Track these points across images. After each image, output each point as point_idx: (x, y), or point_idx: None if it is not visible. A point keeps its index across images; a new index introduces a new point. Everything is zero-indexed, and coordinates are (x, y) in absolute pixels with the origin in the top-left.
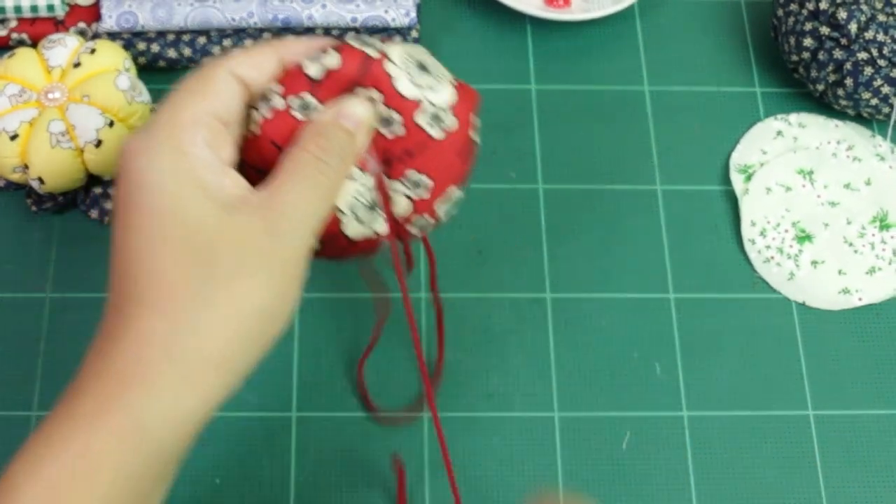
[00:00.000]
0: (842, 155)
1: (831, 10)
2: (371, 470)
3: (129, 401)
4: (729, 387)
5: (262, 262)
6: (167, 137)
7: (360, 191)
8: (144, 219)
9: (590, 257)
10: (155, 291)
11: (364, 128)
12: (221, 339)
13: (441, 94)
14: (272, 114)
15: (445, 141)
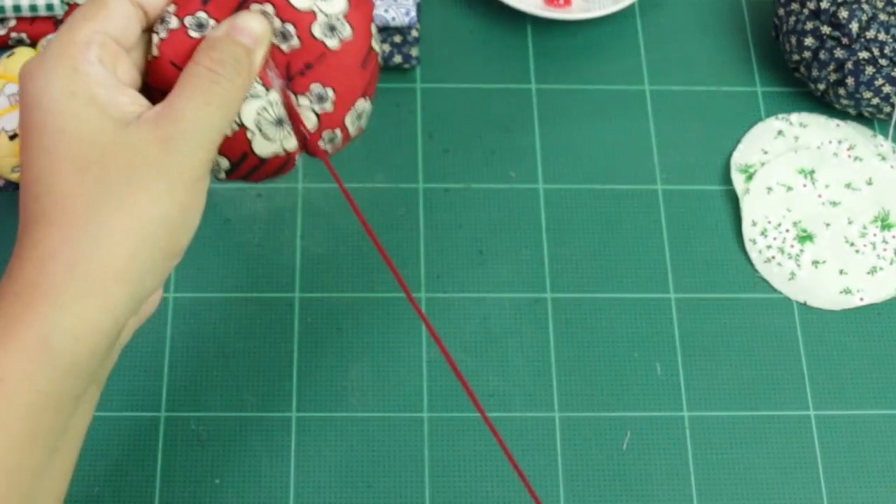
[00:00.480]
0: (843, 154)
1: (832, 9)
2: (371, 470)
3: (35, 317)
4: (730, 387)
5: (158, 173)
6: (60, 57)
7: (264, 107)
8: (43, 139)
9: (590, 257)
10: (55, 208)
11: (260, 42)
12: (122, 249)
13: (334, 4)
14: (168, 34)
15: (342, 50)
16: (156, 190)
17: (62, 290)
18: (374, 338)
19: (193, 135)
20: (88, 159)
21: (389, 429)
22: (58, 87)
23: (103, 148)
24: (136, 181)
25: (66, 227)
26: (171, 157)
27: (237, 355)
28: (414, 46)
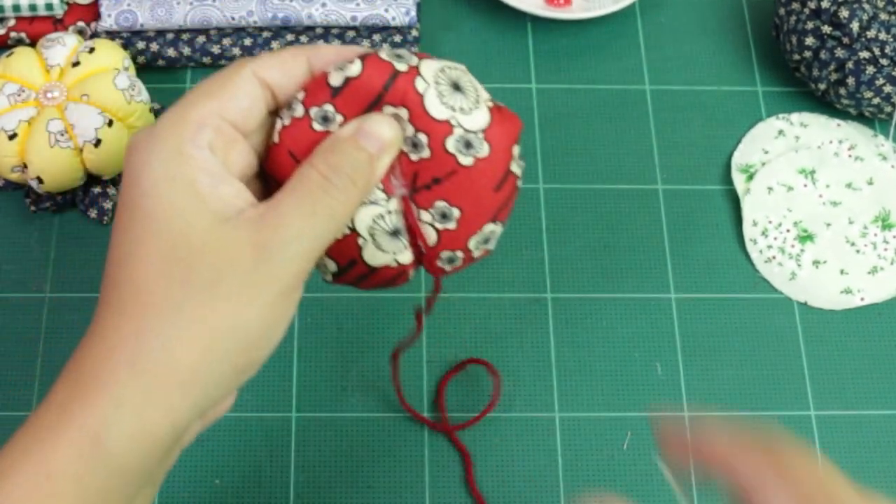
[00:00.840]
0: (843, 154)
1: (833, 8)
2: (371, 470)
3: (89, 413)
4: (730, 387)
5: (244, 282)
6: (169, 136)
7: (381, 215)
8: (135, 221)
9: (590, 257)
10: (131, 299)
11: (387, 150)
12: (190, 357)
13: (474, 118)
14: (291, 122)
15: (476, 169)
16: (238, 300)
17: (122, 388)
18: (374, 338)
19: (291, 245)
20: (175, 254)
21: (389, 429)
22: (159, 168)
23: (193, 244)
24: (219, 287)
25: (139, 322)
26: (263, 266)
27: None
28: (414, 46)
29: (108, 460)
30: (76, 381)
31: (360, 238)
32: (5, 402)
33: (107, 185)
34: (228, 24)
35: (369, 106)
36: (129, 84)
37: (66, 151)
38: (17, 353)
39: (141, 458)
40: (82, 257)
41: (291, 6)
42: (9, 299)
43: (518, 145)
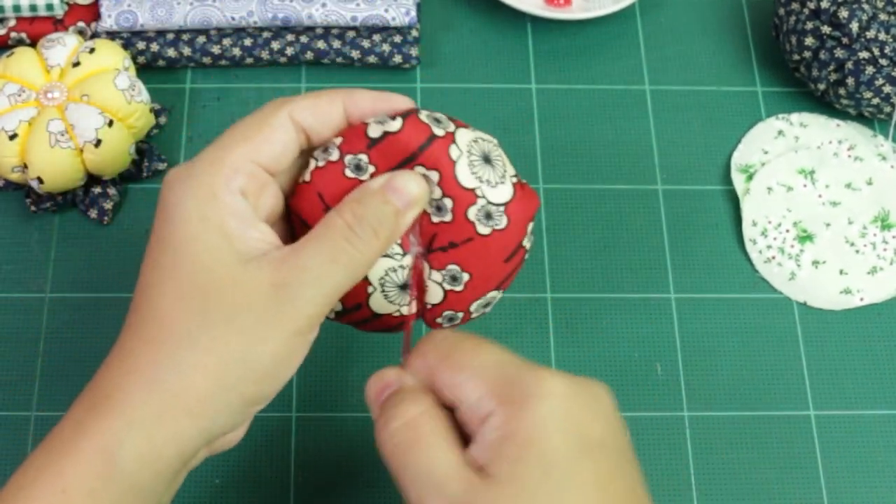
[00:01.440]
0: (843, 155)
1: (832, 9)
2: (371, 470)
3: (104, 431)
4: (730, 387)
5: (259, 319)
6: (205, 178)
7: (394, 268)
8: (163, 254)
9: (590, 257)
10: (152, 326)
11: (412, 206)
12: (200, 386)
13: (499, 192)
14: (325, 164)
15: (491, 240)
16: (252, 336)
17: (135, 409)
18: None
19: (309, 289)
20: (197, 287)
21: None
22: (192, 207)
23: (215, 279)
24: (235, 322)
25: (157, 349)
26: (279, 306)
27: None
28: (414, 46)
29: (121, 478)
30: (94, 400)
31: (370, 286)
32: (5, 402)
33: (107, 185)
34: (228, 25)
35: (402, 162)
36: (129, 84)
37: (67, 152)
38: (17, 353)
39: (151, 477)
40: (82, 257)
41: (291, 6)
42: (9, 299)
43: (533, 222)
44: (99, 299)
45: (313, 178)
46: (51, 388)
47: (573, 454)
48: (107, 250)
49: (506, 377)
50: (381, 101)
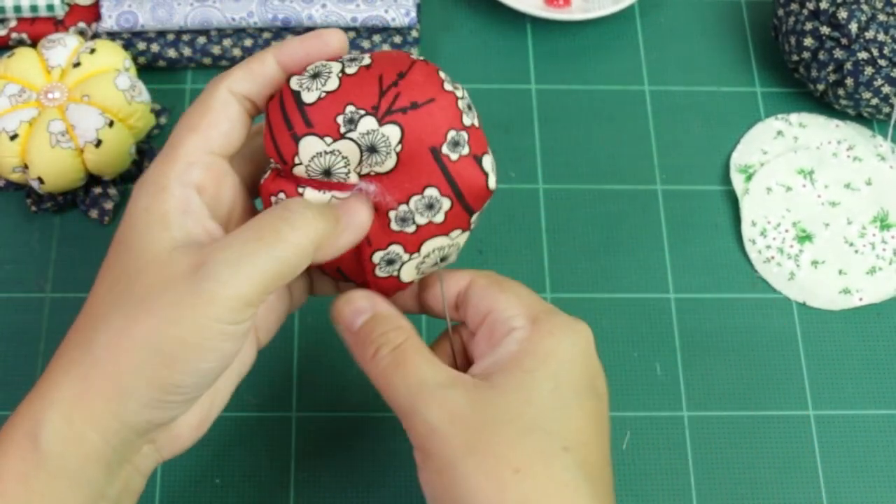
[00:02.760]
0: (842, 155)
1: (832, 9)
2: (371, 470)
3: (29, 413)
4: (729, 387)
5: (170, 298)
6: (157, 173)
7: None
8: (110, 248)
9: (590, 257)
10: (82, 312)
11: (353, 231)
12: (109, 367)
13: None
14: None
15: None
16: (163, 316)
17: (55, 391)
18: None
19: (226, 269)
20: (125, 272)
21: (390, 429)
22: (140, 201)
23: (142, 264)
24: (147, 302)
25: (81, 333)
26: (194, 286)
27: None
28: (414, 46)
29: (47, 462)
30: (34, 388)
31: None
32: (6, 401)
33: (108, 185)
34: (229, 25)
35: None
36: (129, 85)
37: (67, 152)
38: (17, 353)
39: (79, 461)
40: (83, 257)
41: (292, 7)
42: (10, 299)
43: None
44: None
45: (262, 185)
46: None
47: (582, 387)
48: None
49: (543, 308)
50: (309, 41)
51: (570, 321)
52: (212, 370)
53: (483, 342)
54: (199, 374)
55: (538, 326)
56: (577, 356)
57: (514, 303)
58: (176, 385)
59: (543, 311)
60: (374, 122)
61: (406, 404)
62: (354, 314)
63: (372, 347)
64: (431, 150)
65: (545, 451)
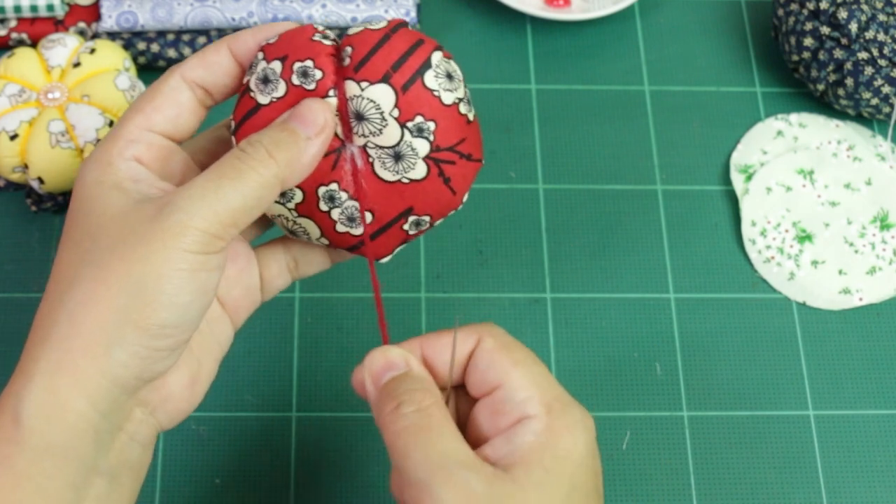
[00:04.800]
0: (842, 155)
1: (832, 9)
2: (371, 470)
3: (8, 394)
4: (729, 387)
5: (139, 239)
6: (101, 152)
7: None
8: (66, 222)
9: (590, 257)
10: (52, 282)
11: (320, 134)
12: (91, 319)
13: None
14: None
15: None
16: (132, 256)
17: (32, 364)
18: (374, 337)
19: (191, 203)
20: (87, 232)
21: None
22: (89, 177)
23: (105, 220)
24: (117, 249)
25: (51, 301)
26: (158, 223)
27: (237, 355)
28: None
29: (30, 439)
30: (17, 366)
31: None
32: None
33: None
34: (229, 25)
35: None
36: (129, 85)
37: (67, 152)
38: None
39: (65, 434)
40: None
41: (291, 7)
42: (10, 299)
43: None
44: None
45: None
46: None
47: (591, 488)
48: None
49: (556, 394)
50: (262, 33)
51: (582, 416)
52: (191, 304)
53: (488, 415)
54: (179, 308)
55: (554, 420)
56: (589, 457)
57: (526, 383)
58: (161, 325)
59: (556, 398)
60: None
61: (420, 475)
62: (385, 367)
63: (394, 402)
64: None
65: None
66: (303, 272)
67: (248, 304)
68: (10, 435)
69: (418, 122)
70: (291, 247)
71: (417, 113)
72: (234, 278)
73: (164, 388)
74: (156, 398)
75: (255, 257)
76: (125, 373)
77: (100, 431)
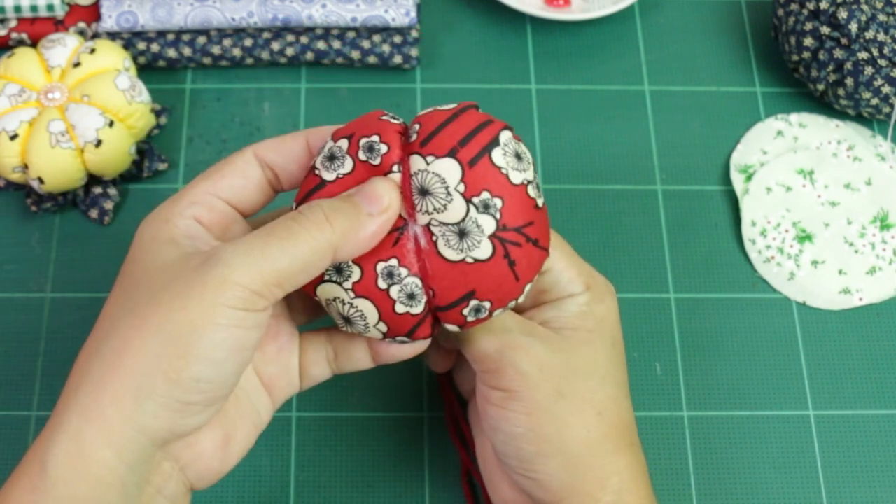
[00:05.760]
0: (842, 155)
1: (832, 9)
2: (371, 470)
3: (39, 443)
4: (729, 387)
5: (179, 289)
6: (162, 209)
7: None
8: (119, 274)
9: (590, 257)
10: (93, 334)
11: (383, 213)
12: (123, 368)
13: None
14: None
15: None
16: (170, 305)
17: (63, 412)
18: None
19: (236, 257)
20: (133, 282)
21: (389, 429)
22: (146, 232)
23: (153, 270)
24: (156, 297)
25: (87, 349)
26: (200, 274)
27: None
28: (414, 46)
29: (54, 489)
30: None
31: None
32: (6, 401)
33: (108, 185)
34: (229, 25)
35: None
36: (129, 85)
37: (67, 152)
38: (17, 353)
39: (88, 486)
40: (83, 257)
41: (292, 7)
42: (10, 299)
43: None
44: (100, 299)
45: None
46: (52, 388)
47: (621, 344)
48: (107, 250)
49: (588, 271)
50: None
51: (608, 286)
52: (226, 361)
53: (532, 294)
54: (214, 364)
55: (593, 294)
56: (617, 320)
57: (568, 266)
58: (193, 378)
59: (589, 275)
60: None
61: (492, 351)
62: None
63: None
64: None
65: (616, 397)
66: (342, 366)
67: (284, 384)
68: (35, 483)
69: (484, 198)
70: (335, 338)
71: (484, 189)
72: (272, 355)
73: (196, 446)
74: (187, 455)
75: (297, 338)
76: (154, 424)
77: (126, 484)
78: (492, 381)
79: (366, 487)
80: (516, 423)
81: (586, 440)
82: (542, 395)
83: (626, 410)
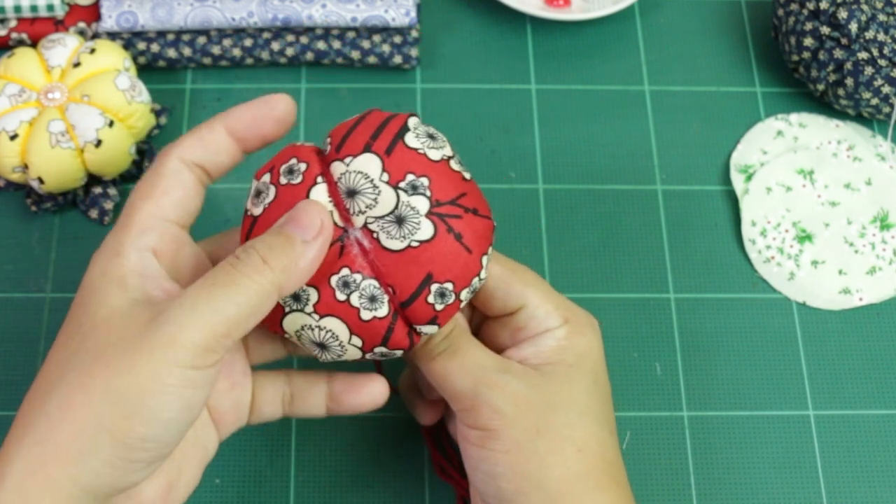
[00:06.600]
0: (842, 155)
1: (832, 9)
2: (371, 470)
3: None
4: (729, 387)
5: (126, 349)
6: (112, 240)
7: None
8: (68, 314)
9: (590, 257)
10: (38, 378)
11: (318, 237)
12: (67, 426)
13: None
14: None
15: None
16: (118, 366)
17: (6, 464)
18: None
19: (182, 314)
20: (80, 330)
21: (390, 429)
22: (97, 268)
23: (98, 320)
24: (103, 355)
25: (34, 398)
26: (149, 333)
27: None
28: (414, 46)
29: None
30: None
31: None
32: (6, 401)
33: (108, 185)
34: (229, 25)
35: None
36: (129, 85)
37: (67, 152)
38: (17, 353)
39: None
40: (83, 257)
41: (292, 7)
42: (9, 299)
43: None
44: None
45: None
46: None
47: (604, 380)
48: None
49: (566, 305)
50: (256, 107)
51: (589, 319)
52: (175, 421)
53: (509, 332)
54: (161, 424)
55: (572, 327)
56: (600, 354)
57: (543, 301)
58: (140, 438)
59: (567, 308)
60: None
61: (467, 389)
62: None
63: (424, 338)
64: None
65: (598, 434)
66: (296, 410)
67: (233, 419)
68: None
69: (410, 179)
70: (295, 381)
71: (407, 171)
72: (225, 391)
73: (138, 496)
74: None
75: (250, 375)
76: (97, 481)
77: None
78: (469, 419)
79: (366, 487)
80: (495, 461)
81: (566, 477)
82: (519, 433)
83: (611, 448)
